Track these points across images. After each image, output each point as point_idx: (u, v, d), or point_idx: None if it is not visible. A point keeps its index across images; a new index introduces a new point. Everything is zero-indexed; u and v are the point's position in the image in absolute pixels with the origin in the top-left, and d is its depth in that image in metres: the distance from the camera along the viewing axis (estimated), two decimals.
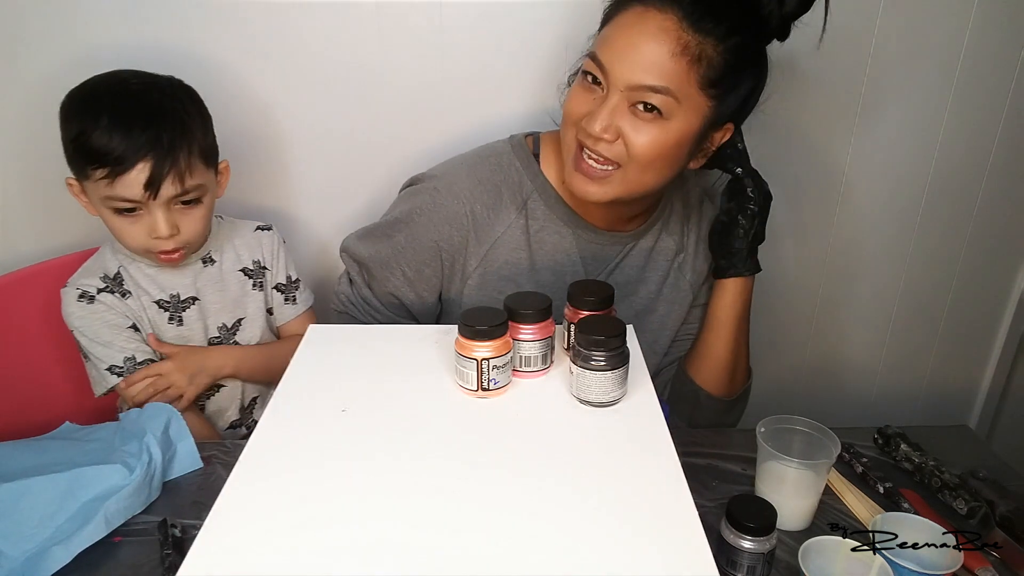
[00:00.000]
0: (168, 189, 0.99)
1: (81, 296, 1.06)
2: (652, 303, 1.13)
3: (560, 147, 1.04)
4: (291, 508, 0.61)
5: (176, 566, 0.57)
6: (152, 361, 1.09)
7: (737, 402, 1.16)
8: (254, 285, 1.18)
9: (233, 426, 1.20)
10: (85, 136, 0.96)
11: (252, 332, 1.18)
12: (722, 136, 0.98)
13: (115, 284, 1.08)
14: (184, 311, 1.12)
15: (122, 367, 1.07)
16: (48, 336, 1.15)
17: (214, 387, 1.16)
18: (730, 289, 1.08)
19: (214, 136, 1.08)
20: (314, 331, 0.88)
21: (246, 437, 1.19)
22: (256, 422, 1.20)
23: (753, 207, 1.03)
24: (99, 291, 1.07)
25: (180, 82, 1.05)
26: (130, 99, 1.00)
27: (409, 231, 1.04)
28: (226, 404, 1.18)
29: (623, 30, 0.90)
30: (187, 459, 0.96)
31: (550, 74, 1.20)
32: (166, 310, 1.11)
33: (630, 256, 1.10)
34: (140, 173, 0.97)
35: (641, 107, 0.90)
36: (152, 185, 0.98)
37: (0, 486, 0.84)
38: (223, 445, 1.00)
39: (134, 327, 1.09)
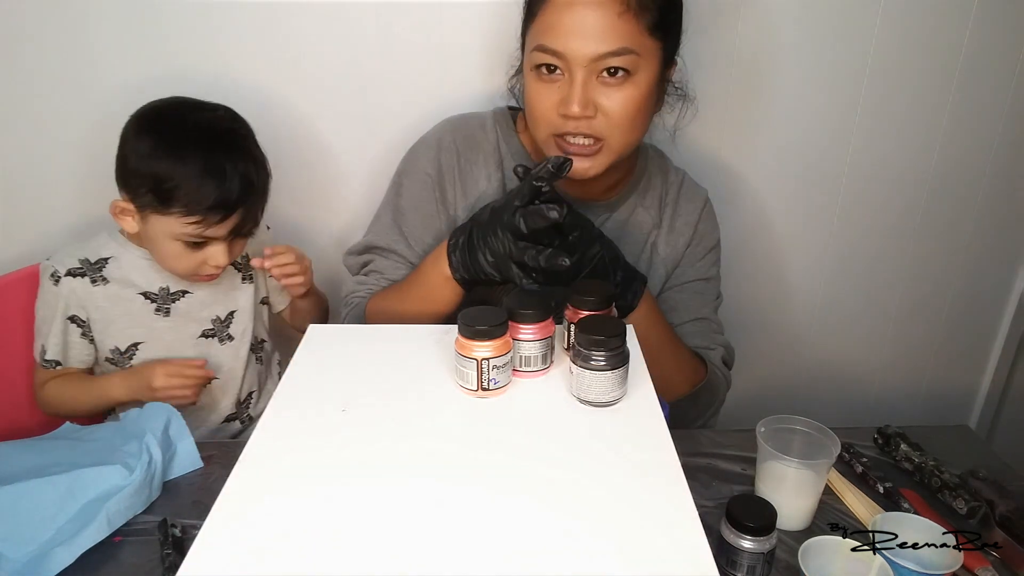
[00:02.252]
0: (240, 236, 1.07)
1: (51, 276, 1.08)
2: None
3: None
4: (291, 508, 0.61)
5: (176, 566, 0.58)
6: (59, 364, 1.10)
7: (695, 399, 1.10)
8: (244, 278, 1.19)
9: (228, 419, 1.20)
10: (176, 183, 0.98)
11: (244, 323, 1.18)
12: (671, 73, 1.03)
13: (93, 269, 1.08)
14: (173, 303, 1.12)
15: (44, 353, 1.10)
16: None
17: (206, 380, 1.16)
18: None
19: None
20: (314, 331, 0.88)
21: (241, 432, 1.20)
22: (251, 417, 1.22)
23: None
24: (67, 273, 1.08)
25: (235, 113, 1.07)
26: (217, 143, 1.01)
27: (405, 180, 1.09)
28: (219, 396, 1.18)
29: (563, 11, 0.92)
30: (187, 459, 0.96)
31: None
32: (153, 301, 1.11)
33: (603, 228, 1.08)
34: (232, 221, 1.03)
35: (607, 74, 0.93)
36: (238, 231, 1.05)
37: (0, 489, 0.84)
38: (223, 445, 1.01)
39: (74, 319, 1.09)
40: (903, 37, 1.29)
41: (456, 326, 0.76)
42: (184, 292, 1.13)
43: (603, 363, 0.72)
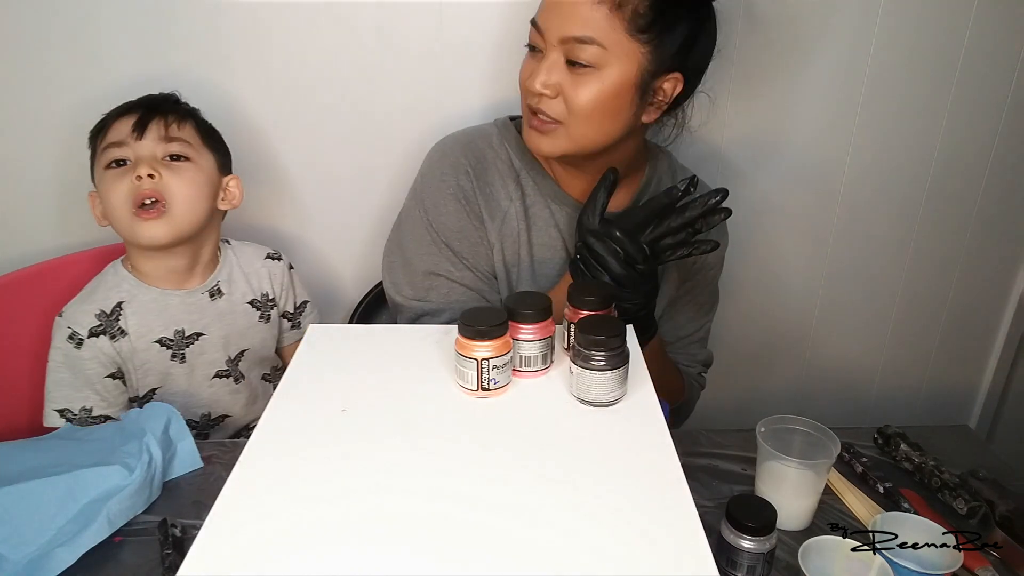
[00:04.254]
0: (153, 132, 1.04)
1: (70, 337, 1.04)
2: None
3: None
4: (291, 508, 0.61)
5: (176, 566, 0.58)
6: (109, 418, 1.05)
7: (675, 413, 1.17)
8: (260, 317, 1.17)
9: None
10: (105, 120, 1.06)
11: (253, 360, 1.17)
12: (673, 88, 0.97)
13: (110, 322, 1.05)
14: (188, 347, 1.10)
15: (76, 415, 1.05)
16: (49, 337, 1.15)
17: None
18: None
19: (216, 132, 1.12)
20: (314, 331, 0.88)
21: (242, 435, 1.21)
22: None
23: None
24: (90, 334, 1.04)
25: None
26: (148, 99, 1.08)
27: (432, 218, 1.04)
28: (229, 426, 1.17)
29: None
30: (187, 459, 0.96)
31: None
32: (169, 347, 1.08)
33: None
34: (129, 119, 1.04)
35: (575, 60, 0.93)
36: (138, 127, 1.03)
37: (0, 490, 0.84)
38: (223, 445, 1.01)
39: (113, 376, 1.07)
40: (902, 37, 1.29)
41: (456, 326, 0.76)
42: (199, 335, 1.10)
43: (603, 363, 0.72)
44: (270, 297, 1.18)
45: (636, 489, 0.64)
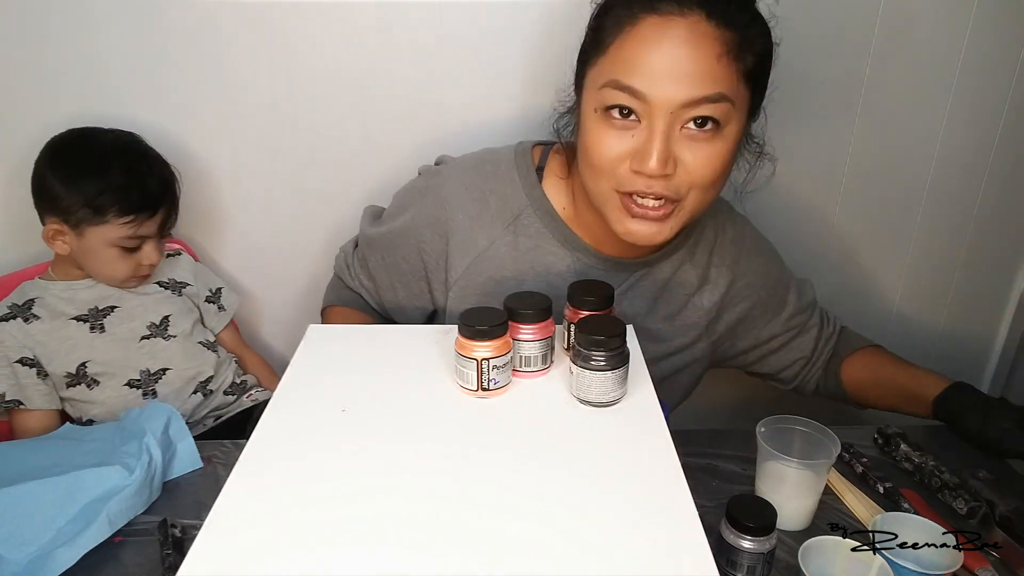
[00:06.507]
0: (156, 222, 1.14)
1: None
2: (658, 333, 1.05)
3: (563, 165, 0.99)
4: (291, 508, 0.61)
5: (176, 566, 0.58)
6: (18, 403, 1.11)
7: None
8: (173, 292, 1.22)
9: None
10: (106, 194, 1.08)
11: (183, 326, 1.21)
12: (751, 126, 0.92)
13: (22, 310, 1.12)
14: (105, 318, 1.15)
15: (3, 398, 1.10)
16: None
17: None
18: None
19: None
20: (314, 331, 0.88)
21: (200, 405, 1.21)
22: (211, 391, 1.22)
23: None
24: (0, 320, 1.11)
25: (128, 131, 1.15)
26: (128, 154, 1.12)
27: (395, 224, 1.05)
28: (175, 380, 1.18)
29: (650, 46, 0.79)
30: (187, 459, 0.96)
31: (551, 75, 1.20)
32: (85, 322, 1.14)
33: (638, 287, 1.02)
34: (159, 217, 1.13)
35: (693, 125, 0.81)
36: (164, 226, 1.15)
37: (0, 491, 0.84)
38: (223, 445, 1.01)
39: (23, 361, 1.11)
40: (902, 37, 1.29)
41: (456, 326, 0.76)
42: (113, 307, 1.16)
43: (603, 363, 0.73)
44: (178, 280, 1.24)
45: (636, 489, 0.64)
